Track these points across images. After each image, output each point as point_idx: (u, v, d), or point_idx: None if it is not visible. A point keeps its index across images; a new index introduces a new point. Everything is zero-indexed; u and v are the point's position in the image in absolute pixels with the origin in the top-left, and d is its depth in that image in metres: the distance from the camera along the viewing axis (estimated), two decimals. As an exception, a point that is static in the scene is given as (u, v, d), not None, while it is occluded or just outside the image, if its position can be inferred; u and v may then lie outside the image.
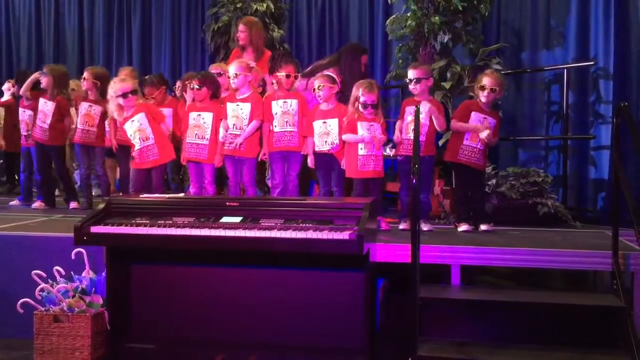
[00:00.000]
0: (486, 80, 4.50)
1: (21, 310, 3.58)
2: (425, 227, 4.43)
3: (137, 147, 4.82)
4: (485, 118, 4.50)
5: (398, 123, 4.58)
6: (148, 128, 4.78)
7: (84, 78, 5.70)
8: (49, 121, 5.69)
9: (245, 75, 4.73)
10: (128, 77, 5.00)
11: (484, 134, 4.42)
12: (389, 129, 4.68)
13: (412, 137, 4.32)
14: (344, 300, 3.26)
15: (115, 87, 4.77)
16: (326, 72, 4.88)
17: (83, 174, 5.83)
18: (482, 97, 4.51)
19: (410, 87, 4.52)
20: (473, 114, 4.51)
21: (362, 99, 4.36)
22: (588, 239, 4.22)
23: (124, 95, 4.74)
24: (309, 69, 5.60)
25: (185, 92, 5.34)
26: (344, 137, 4.46)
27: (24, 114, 6.08)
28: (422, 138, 4.46)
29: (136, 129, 4.78)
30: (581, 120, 6.00)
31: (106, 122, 5.68)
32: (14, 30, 9.23)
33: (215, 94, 4.89)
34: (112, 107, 4.87)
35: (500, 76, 4.67)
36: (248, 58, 5.52)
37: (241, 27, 5.78)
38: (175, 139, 5.30)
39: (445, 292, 3.63)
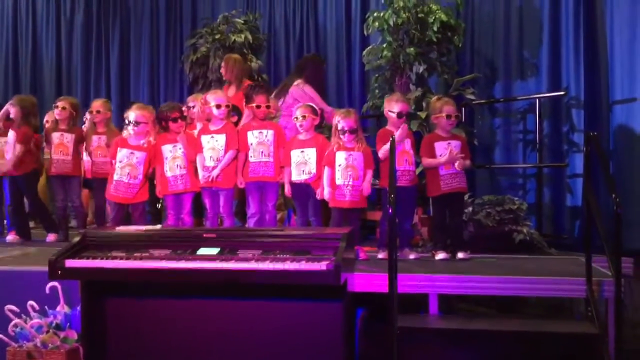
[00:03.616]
0: (450, 109, 4.61)
1: (-7, 347, 3.51)
2: (412, 255, 4.52)
3: (118, 177, 4.82)
4: (448, 143, 4.58)
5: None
6: (141, 168, 4.81)
7: (63, 107, 5.63)
8: (14, 151, 5.63)
9: (227, 107, 4.80)
10: (145, 108, 5.05)
11: (457, 164, 4.51)
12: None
13: (407, 168, 4.48)
14: (322, 330, 3.25)
15: (131, 113, 4.88)
16: (309, 103, 4.96)
17: (59, 206, 5.75)
18: (448, 125, 4.61)
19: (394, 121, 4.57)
20: (436, 144, 4.59)
21: (339, 126, 4.42)
22: (563, 266, 4.27)
23: (137, 123, 4.81)
24: (277, 89, 5.96)
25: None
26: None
27: None
28: (410, 167, 4.53)
29: (130, 162, 4.80)
30: (556, 149, 6.12)
31: (84, 154, 5.66)
32: (-10, 62, 9.19)
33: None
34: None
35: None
36: (232, 90, 5.76)
37: (222, 64, 6.21)
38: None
39: (423, 321, 3.64)
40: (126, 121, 4.96)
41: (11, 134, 5.66)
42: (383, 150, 4.43)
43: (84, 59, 8.85)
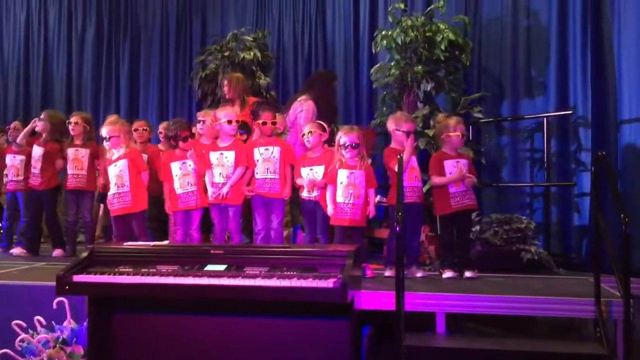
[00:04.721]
0: (463, 128, 4.66)
1: (0, 361, 3.52)
2: (419, 273, 4.50)
3: (110, 192, 4.89)
4: (457, 162, 4.59)
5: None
6: (126, 175, 4.86)
7: (76, 123, 5.71)
8: (39, 166, 5.72)
9: (237, 122, 4.84)
10: (115, 122, 5.06)
11: (467, 182, 4.52)
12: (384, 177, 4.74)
13: (416, 184, 4.50)
14: (329, 348, 3.24)
15: (102, 129, 4.97)
16: (318, 121, 4.97)
17: (70, 221, 5.79)
18: (460, 144, 4.66)
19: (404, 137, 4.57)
20: (445, 163, 4.60)
21: (342, 141, 4.43)
22: (571, 286, 4.25)
23: (109, 138, 4.90)
24: (286, 105, 6.00)
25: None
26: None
27: (14, 159, 6.01)
28: (418, 184, 4.53)
29: (115, 174, 4.87)
30: (564, 168, 6.10)
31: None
32: (2, 77, 9.28)
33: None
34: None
35: None
36: (237, 109, 5.81)
37: (224, 82, 6.20)
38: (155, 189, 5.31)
39: (430, 340, 3.62)
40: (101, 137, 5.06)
41: (38, 149, 5.73)
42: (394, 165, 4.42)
43: (94, 74, 8.94)
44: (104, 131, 4.95)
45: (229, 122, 4.77)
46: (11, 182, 6.00)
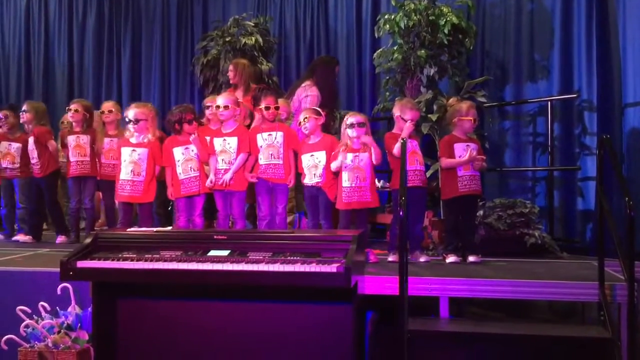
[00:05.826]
0: (475, 113, 4.67)
1: (5, 347, 3.54)
2: (422, 258, 4.50)
3: (123, 176, 4.86)
4: (467, 145, 4.59)
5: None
6: (144, 164, 4.85)
7: (75, 110, 5.69)
8: (35, 154, 5.75)
9: (234, 108, 4.77)
10: (144, 105, 5.05)
11: (475, 165, 4.52)
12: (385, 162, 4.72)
13: (418, 168, 4.49)
14: (332, 332, 3.25)
15: (130, 111, 4.90)
16: (312, 107, 4.96)
17: (73, 207, 5.80)
18: (471, 128, 4.67)
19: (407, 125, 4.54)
20: (455, 146, 4.60)
21: (349, 121, 4.42)
22: (575, 270, 4.24)
23: (136, 121, 4.83)
24: (288, 91, 6.01)
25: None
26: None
27: (10, 147, 6.00)
28: (421, 167, 4.52)
29: (133, 160, 4.83)
30: (567, 152, 6.08)
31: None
32: (3, 64, 9.25)
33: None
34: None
35: None
36: (240, 94, 5.78)
37: (230, 67, 6.22)
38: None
39: (433, 324, 3.62)
40: (126, 120, 4.98)
41: (30, 139, 5.75)
42: (397, 149, 4.40)
43: (96, 62, 8.89)
44: (131, 113, 4.87)
45: (217, 107, 4.76)
46: (7, 170, 6.00)
